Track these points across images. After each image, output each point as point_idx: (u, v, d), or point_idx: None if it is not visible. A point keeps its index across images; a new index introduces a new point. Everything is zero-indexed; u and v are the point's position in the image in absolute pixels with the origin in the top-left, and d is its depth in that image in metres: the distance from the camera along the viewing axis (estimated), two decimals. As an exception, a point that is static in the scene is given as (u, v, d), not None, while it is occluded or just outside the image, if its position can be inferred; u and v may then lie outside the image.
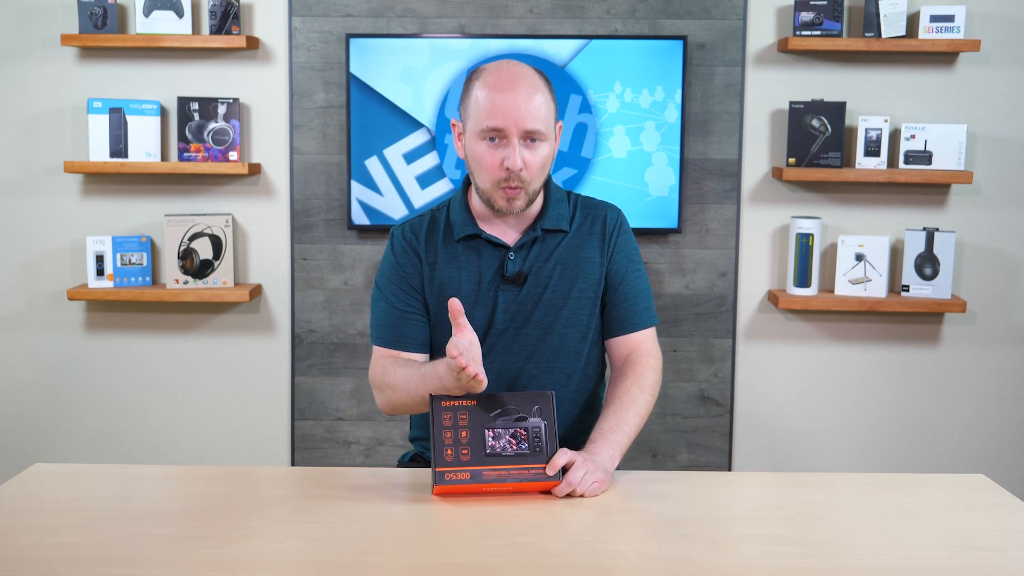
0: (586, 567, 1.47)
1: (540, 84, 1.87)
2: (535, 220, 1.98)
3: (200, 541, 1.56)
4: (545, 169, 1.90)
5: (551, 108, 1.88)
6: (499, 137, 1.85)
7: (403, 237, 2.00)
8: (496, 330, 1.96)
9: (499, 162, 1.85)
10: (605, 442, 1.83)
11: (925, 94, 3.26)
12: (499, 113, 1.82)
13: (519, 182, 1.86)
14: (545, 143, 1.87)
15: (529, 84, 1.85)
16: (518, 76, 1.85)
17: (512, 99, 1.82)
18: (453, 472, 1.72)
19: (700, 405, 3.39)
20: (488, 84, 1.85)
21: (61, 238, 3.36)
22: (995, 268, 3.33)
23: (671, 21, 3.23)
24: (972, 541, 1.60)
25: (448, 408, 1.76)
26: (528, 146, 1.85)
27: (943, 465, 3.39)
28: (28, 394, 3.43)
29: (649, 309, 2.03)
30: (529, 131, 1.84)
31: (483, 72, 1.88)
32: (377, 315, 2.01)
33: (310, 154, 3.30)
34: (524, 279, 1.95)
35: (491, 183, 1.88)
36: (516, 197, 1.88)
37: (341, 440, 3.42)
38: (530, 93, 1.84)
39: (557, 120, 1.94)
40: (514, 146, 1.84)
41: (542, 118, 1.85)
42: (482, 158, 1.87)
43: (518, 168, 1.84)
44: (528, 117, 1.83)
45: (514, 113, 1.82)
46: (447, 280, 1.97)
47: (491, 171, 1.87)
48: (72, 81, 3.29)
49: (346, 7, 3.25)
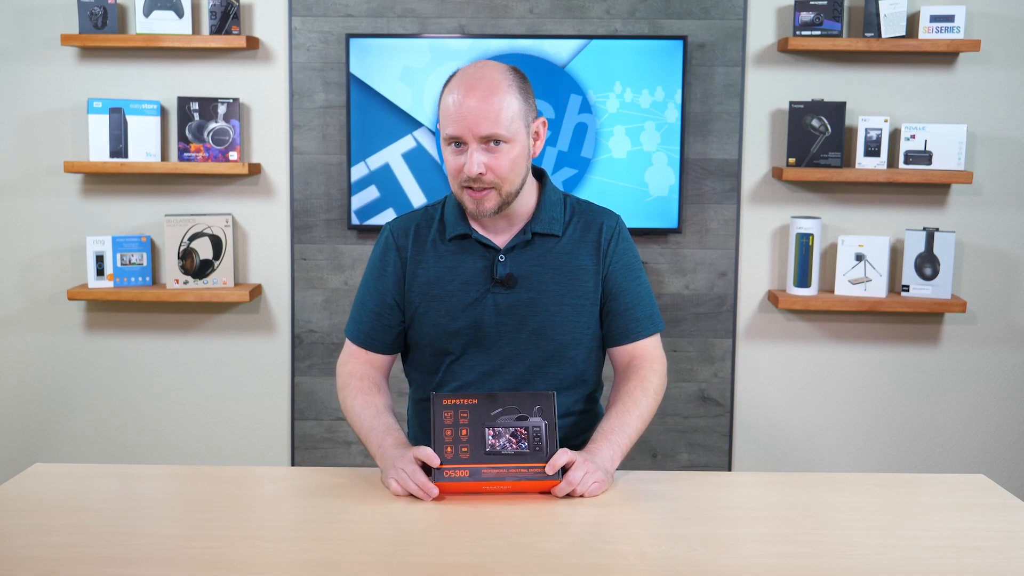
0: (586, 567, 1.47)
1: (503, 85, 1.84)
2: (527, 223, 1.97)
3: (200, 541, 1.56)
4: (516, 169, 1.88)
5: (516, 108, 1.85)
6: (460, 143, 1.86)
7: (391, 234, 2.02)
8: (486, 332, 1.95)
9: (460, 166, 1.86)
10: (606, 442, 1.83)
11: (925, 94, 3.26)
12: (455, 120, 1.83)
13: (485, 184, 1.86)
14: (510, 144, 1.85)
15: (487, 88, 1.83)
16: (478, 80, 1.84)
17: (469, 105, 1.82)
18: (452, 469, 1.72)
19: (700, 405, 3.39)
20: (451, 90, 1.86)
21: (61, 238, 3.36)
22: (995, 268, 3.33)
23: (671, 21, 3.23)
24: (972, 541, 1.60)
25: (449, 406, 1.76)
26: (490, 149, 1.84)
27: (943, 465, 3.39)
28: (28, 394, 3.43)
29: (652, 316, 2.01)
30: (486, 136, 1.83)
31: (452, 78, 1.89)
32: (355, 308, 2.06)
33: (310, 154, 3.30)
34: (514, 282, 1.94)
35: (456, 186, 1.90)
36: (484, 199, 1.87)
37: (341, 440, 3.42)
38: (487, 97, 1.82)
39: (537, 117, 1.92)
40: (471, 152, 1.84)
41: (501, 121, 1.82)
42: (448, 163, 1.89)
43: (474, 174, 1.83)
44: (483, 122, 1.81)
45: (469, 119, 1.82)
46: (435, 278, 1.97)
47: (454, 175, 1.88)
48: (72, 81, 3.29)
49: (346, 7, 3.25)
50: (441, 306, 1.95)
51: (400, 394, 3.39)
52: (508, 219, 1.96)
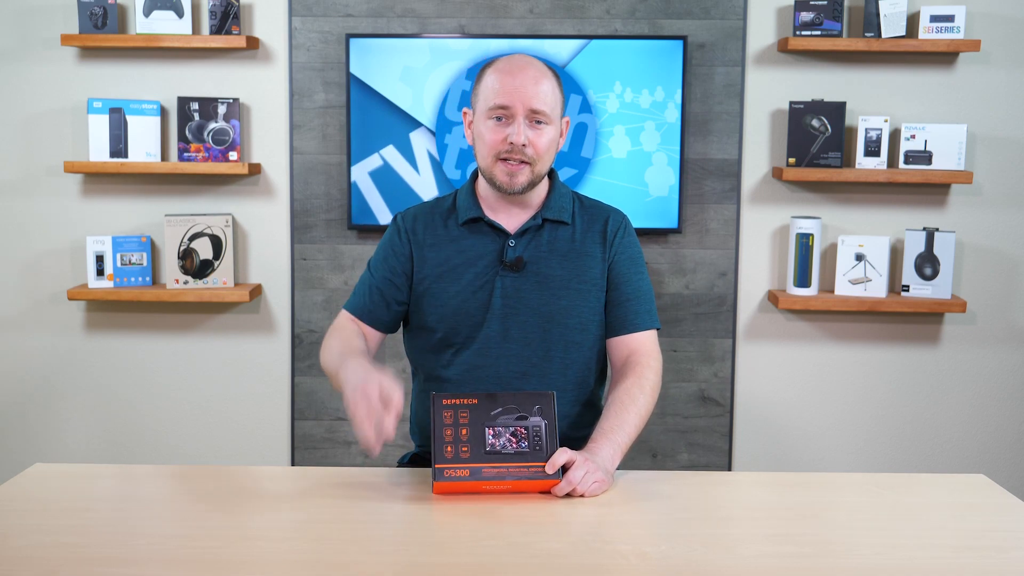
0: (586, 567, 1.47)
1: (549, 73, 1.97)
2: (538, 210, 2.03)
3: (200, 541, 1.56)
4: (550, 152, 1.97)
5: (558, 98, 1.97)
6: (506, 116, 1.92)
7: (401, 220, 2.08)
8: (494, 315, 1.98)
9: (503, 137, 1.92)
10: (606, 441, 1.84)
11: (925, 94, 3.26)
12: (507, 92, 1.92)
13: (524, 157, 1.93)
14: (550, 127, 1.95)
15: (538, 70, 1.95)
16: (528, 63, 1.96)
17: (520, 81, 1.92)
18: (452, 469, 1.72)
19: (700, 405, 3.39)
20: (499, 69, 1.95)
21: (61, 238, 3.36)
22: (995, 268, 3.33)
23: (671, 21, 3.23)
24: (972, 541, 1.60)
25: (449, 406, 1.77)
26: (533, 127, 1.93)
27: (943, 465, 3.39)
28: (28, 394, 3.43)
29: (651, 312, 2.05)
30: (535, 110, 1.92)
31: (496, 61, 1.99)
32: (357, 286, 2.10)
33: (310, 154, 3.30)
34: (523, 265, 1.99)
35: (492, 157, 1.94)
36: (518, 172, 1.94)
37: (341, 440, 3.42)
38: (538, 78, 1.93)
39: (564, 115, 2.02)
40: (519, 123, 1.92)
41: (548, 102, 1.94)
42: (488, 135, 1.94)
43: (521, 142, 1.91)
44: (535, 98, 1.91)
45: (521, 92, 1.91)
46: (444, 259, 2.01)
47: (494, 145, 1.93)
48: (72, 81, 3.29)
49: (346, 7, 3.25)
50: (450, 288, 2.00)
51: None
52: (521, 205, 2.02)
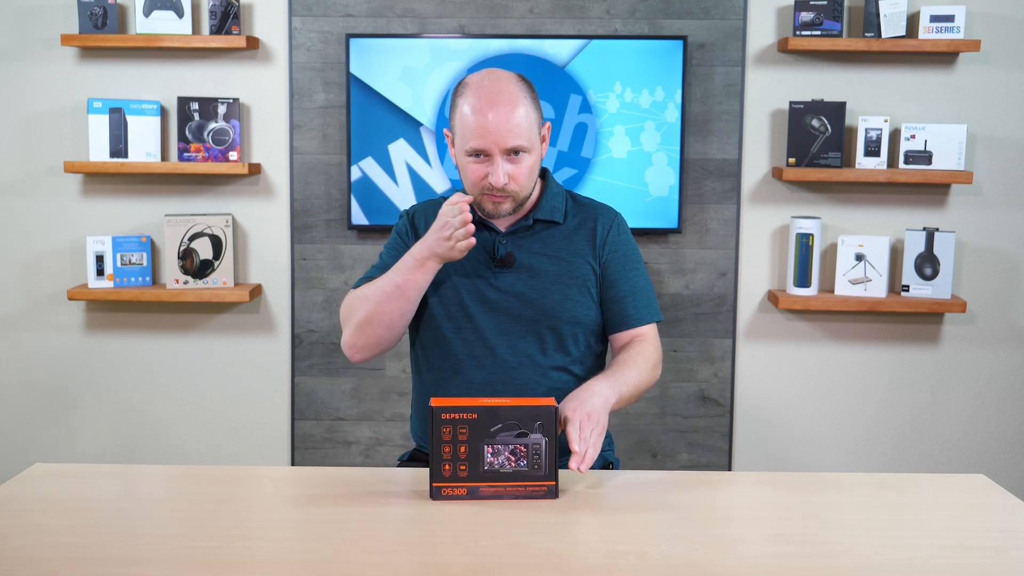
0: (586, 567, 1.47)
1: (520, 97, 1.94)
2: (529, 211, 2.07)
3: (200, 541, 1.56)
4: (532, 175, 2.00)
5: (533, 118, 1.96)
6: (484, 154, 1.94)
7: (408, 215, 2.15)
8: (485, 309, 2.02)
9: (483, 175, 1.95)
10: (603, 378, 1.89)
11: (925, 94, 3.26)
12: (481, 134, 1.91)
13: (507, 192, 1.96)
14: (529, 154, 1.96)
15: (509, 101, 1.92)
16: (498, 93, 1.92)
17: (493, 119, 1.91)
18: (450, 488, 1.72)
19: (700, 405, 3.39)
20: (471, 103, 1.93)
21: (61, 238, 3.36)
22: (995, 268, 3.33)
23: (671, 21, 3.23)
24: (972, 541, 1.60)
25: (448, 421, 1.73)
26: (512, 160, 1.94)
27: (943, 465, 3.38)
28: (28, 394, 3.43)
29: (650, 306, 2.08)
30: (511, 148, 1.92)
31: (467, 88, 1.96)
32: (369, 270, 2.14)
33: (310, 154, 3.30)
34: (513, 260, 2.02)
35: (477, 192, 1.99)
36: (503, 202, 1.98)
37: (341, 440, 3.42)
38: (510, 111, 1.91)
39: (544, 122, 2.02)
40: (497, 164, 1.93)
41: (523, 133, 1.93)
42: (469, 172, 1.97)
43: (501, 185, 1.93)
44: (509, 136, 1.91)
45: (494, 134, 1.91)
46: None
47: (476, 183, 1.97)
48: (72, 81, 3.29)
49: (346, 7, 3.25)
50: (443, 284, 2.04)
51: (401, 394, 3.39)
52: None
